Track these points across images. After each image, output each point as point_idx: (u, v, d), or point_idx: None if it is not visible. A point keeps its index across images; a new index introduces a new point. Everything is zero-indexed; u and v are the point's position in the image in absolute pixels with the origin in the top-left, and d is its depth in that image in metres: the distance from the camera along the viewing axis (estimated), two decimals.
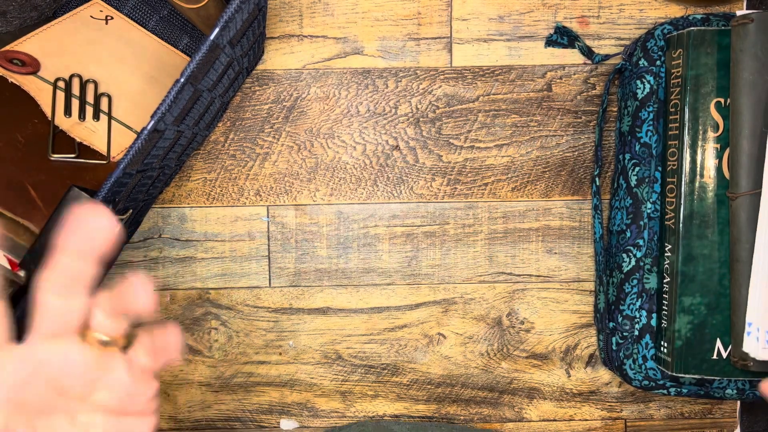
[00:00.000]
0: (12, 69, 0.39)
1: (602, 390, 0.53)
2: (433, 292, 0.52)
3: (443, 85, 0.51)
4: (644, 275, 0.47)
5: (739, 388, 0.46)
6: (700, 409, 0.53)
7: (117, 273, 0.51)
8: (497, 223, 0.52)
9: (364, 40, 0.51)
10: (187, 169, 0.51)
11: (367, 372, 0.52)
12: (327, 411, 0.52)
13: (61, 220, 0.31)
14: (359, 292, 0.52)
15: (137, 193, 0.40)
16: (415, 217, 0.52)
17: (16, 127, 0.39)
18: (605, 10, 0.51)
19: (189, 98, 0.35)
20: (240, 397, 0.52)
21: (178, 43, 0.49)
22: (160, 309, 0.52)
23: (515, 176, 0.52)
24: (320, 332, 0.52)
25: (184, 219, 0.51)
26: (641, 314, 0.47)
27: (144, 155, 0.34)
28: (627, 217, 0.48)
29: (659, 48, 0.46)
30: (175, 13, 0.49)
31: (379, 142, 0.51)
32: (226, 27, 0.33)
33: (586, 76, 0.51)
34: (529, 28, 0.51)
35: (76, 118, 0.39)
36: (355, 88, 0.51)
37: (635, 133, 0.47)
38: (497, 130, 0.51)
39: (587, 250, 0.52)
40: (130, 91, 0.43)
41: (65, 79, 0.40)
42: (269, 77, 0.51)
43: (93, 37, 0.45)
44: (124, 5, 0.48)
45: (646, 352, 0.46)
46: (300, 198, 0.52)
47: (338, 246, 0.52)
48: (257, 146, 0.51)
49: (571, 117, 0.51)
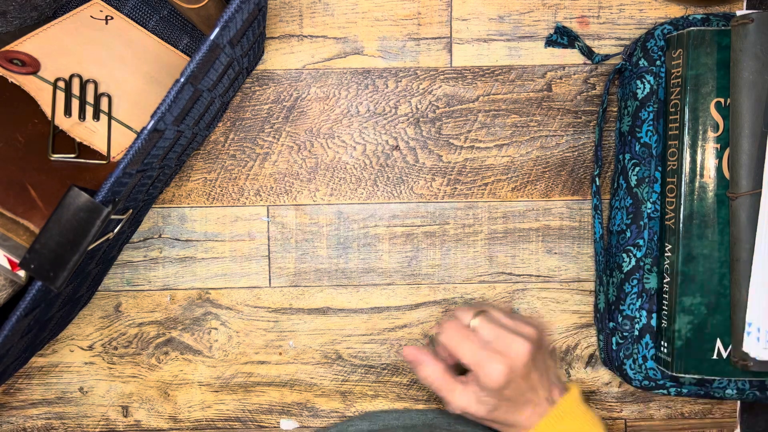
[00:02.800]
0: (12, 69, 0.39)
1: (602, 390, 0.53)
2: (433, 292, 0.52)
3: (443, 85, 0.51)
4: (644, 275, 0.47)
5: (739, 388, 0.46)
6: (700, 409, 0.53)
7: (117, 273, 0.51)
8: (497, 223, 0.52)
9: (364, 40, 0.51)
10: (187, 169, 0.51)
11: (367, 372, 0.52)
12: (327, 411, 0.52)
13: (61, 220, 0.31)
14: (359, 292, 0.52)
15: (137, 193, 0.40)
16: (415, 217, 0.52)
17: (16, 127, 0.39)
18: (605, 10, 0.51)
19: (189, 98, 0.35)
20: (240, 397, 0.52)
21: (178, 43, 0.49)
22: (160, 309, 0.52)
23: (515, 176, 0.52)
24: (320, 332, 0.52)
25: (184, 219, 0.51)
26: (641, 314, 0.47)
27: (144, 155, 0.34)
28: (627, 217, 0.48)
29: (659, 48, 0.46)
30: (175, 13, 0.49)
31: (379, 142, 0.51)
32: (226, 27, 0.33)
33: (586, 76, 0.51)
34: (529, 28, 0.51)
35: (76, 118, 0.39)
36: (355, 88, 0.51)
37: (635, 133, 0.47)
38: (497, 130, 0.51)
39: (587, 250, 0.52)
40: (130, 91, 0.43)
41: (65, 79, 0.40)
42: (269, 77, 0.51)
43: (93, 37, 0.45)
44: (124, 5, 0.48)
45: (646, 352, 0.46)
46: (300, 198, 0.52)
47: (338, 246, 0.52)
48: (257, 146, 0.51)
49: (571, 117, 0.51)
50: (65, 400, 0.52)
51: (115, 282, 0.52)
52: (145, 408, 0.52)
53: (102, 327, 0.52)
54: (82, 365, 0.52)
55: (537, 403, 0.42)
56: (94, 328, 0.52)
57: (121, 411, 0.52)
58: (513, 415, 0.42)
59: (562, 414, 0.42)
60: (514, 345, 0.41)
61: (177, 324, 0.52)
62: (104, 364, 0.52)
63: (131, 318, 0.52)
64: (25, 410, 0.52)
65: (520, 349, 0.41)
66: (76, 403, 0.52)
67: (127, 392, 0.52)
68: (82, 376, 0.52)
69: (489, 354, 0.41)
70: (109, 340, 0.52)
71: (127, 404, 0.52)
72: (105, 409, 0.52)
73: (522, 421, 0.42)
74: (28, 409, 0.52)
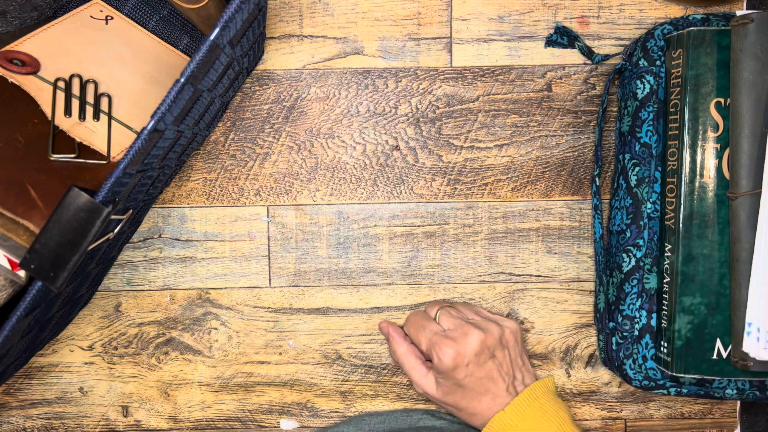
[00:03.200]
0: (12, 69, 0.39)
1: (602, 390, 0.53)
2: (433, 292, 0.52)
3: (443, 85, 0.51)
4: (644, 275, 0.47)
5: (739, 388, 0.46)
6: (700, 409, 0.53)
7: (117, 273, 0.51)
8: (497, 223, 0.52)
9: (364, 40, 0.51)
10: (187, 169, 0.51)
11: (367, 372, 0.52)
12: (327, 411, 0.52)
13: (61, 220, 0.31)
14: (359, 292, 0.52)
15: (137, 193, 0.40)
16: (415, 217, 0.52)
17: (16, 127, 0.39)
18: (605, 10, 0.51)
19: (189, 98, 0.35)
20: (240, 397, 0.52)
21: (178, 43, 0.49)
22: (160, 309, 0.52)
23: (515, 176, 0.52)
24: (320, 332, 0.52)
25: (184, 219, 0.51)
26: (641, 314, 0.47)
27: (144, 155, 0.34)
28: (627, 217, 0.48)
29: (659, 48, 0.46)
30: (175, 13, 0.49)
31: (379, 142, 0.51)
32: (226, 27, 0.33)
33: (586, 76, 0.51)
34: (529, 28, 0.51)
35: (76, 118, 0.39)
36: (355, 88, 0.51)
37: (635, 133, 0.47)
38: (497, 130, 0.51)
39: (587, 250, 0.52)
40: (130, 91, 0.43)
41: (65, 79, 0.40)
42: (269, 77, 0.51)
43: (93, 37, 0.45)
44: (124, 5, 0.48)
45: (646, 352, 0.46)
46: (300, 198, 0.52)
47: (338, 246, 0.52)
48: (257, 146, 0.51)
49: (571, 117, 0.51)
50: (65, 400, 0.52)
51: (115, 282, 0.52)
52: (145, 408, 0.52)
53: (102, 327, 0.52)
54: (82, 365, 0.52)
55: (496, 394, 0.46)
56: (94, 328, 0.52)
57: (121, 411, 0.52)
58: (471, 403, 0.46)
59: (523, 405, 0.45)
60: (468, 334, 0.45)
61: (177, 324, 0.52)
62: (104, 364, 0.52)
63: (131, 318, 0.52)
64: (25, 410, 0.52)
65: (472, 338, 0.45)
66: (76, 403, 0.52)
67: (127, 392, 0.52)
68: (82, 376, 0.52)
69: (442, 339, 0.45)
70: (109, 340, 0.52)
71: (127, 404, 0.52)
72: (105, 409, 0.52)
73: (482, 410, 0.46)
74: (28, 409, 0.52)
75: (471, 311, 0.49)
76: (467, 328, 0.45)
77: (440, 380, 0.46)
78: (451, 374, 0.45)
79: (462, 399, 0.46)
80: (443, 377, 0.45)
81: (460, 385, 0.45)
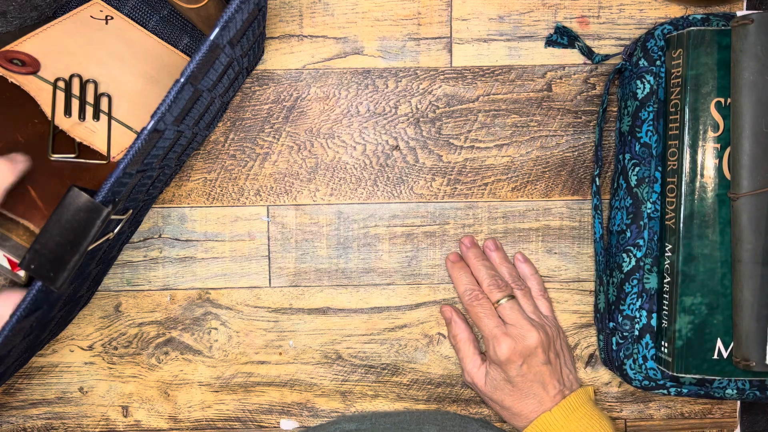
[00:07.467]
0: (12, 69, 0.39)
1: (602, 390, 0.53)
2: (433, 292, 0.52)
3: (443, 85, 0.51)
4: (644, 275, 0.47)
5: (739, 388, 0.46)
6: (700, 409, 0.53)
7: (117, 273, 0.51)
8: (497, 223, 0.52)
9: (364, 40, 0.51)
10: (187, 169, 0.51)
11: (367, 372, 0.52)
12: (327, 411, 0.52)
13: (61, 220, 0.31)
14: (359, 292, 0.52)
15: (137, 193, 0.40)
16: (415, 217, 0.52)
17: (16, 127, 0.39)
18: (605, 10, 0.51)
19: (189, 98, 0.35)
20: (240, 397, 0.52)
21: (178, 43, 0.49)
22: (160, 309, 0.52)
23: (515, 176, 0.52)
24: (320, 332, 0.52)
25: (184, 219, 0.51)
26: (641, 314, 0.47)
27: (144, 155, 0.34)
28: (627, 217, 0.48)
29: (659, 48, 0.46)
30: (175, 13, 0.49)
31: (379, 142, 0.51)
32: (226, 27, 0.33)
33: (586, 76, 0.51)
34: (529, 28, 0.51)
35: (76, 118, 0.39)
36: (355, 88, 0.51)
37: (635, 133, 0.47)
38: (497, 130, 0.51)
39: (587, 250, 0.52)
40: (130, 91, 0.43)
41: (65, 79, 0.40)
42: (269, 77, 0.51)
43: (93, 37, 0.45)
44: (124, 5, 0.48)
45: (646, 352, 0.46)
46: (300, 198, 0.52)
47: (338, 246, 0.52)
48: (257, 146, 0.51)
49: (571, 117, 0.51)
50: (65, 400, 0.52)
51: (115, 282, 0.52)
52: (145, 408, 0.52)
53: (102, 327, 0.52)
54: (82, 365, 0.52)
55: (543, 399, 0.46)
56: (94, 328, 0.52)
57: (121, 411, 0.52)
58: (516, 403, 0.46)
59: (570, 409, 0.46)
60: (526, 337, 0.46)
61: (177, 324, 0.52)
62: (104, 364, 0.52)
63: (131, 318, 0.52)
64: (25, 410, 0.52)
65: (531, 340, 0.46)
66: (76, 403, 0.52)
67: (127, 392, 0.52)
68: (82, 376, 0.52)
69: (502, 334, 0.46)
70: (109, 340, 0.52)
71: (127, 404, 0.52)
72: (105, 409, 0.52)
73: (527, 412, 0.46)
74: (28, 409, 0.52)
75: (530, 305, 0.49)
76: (527, 329, 0.46)
77: (492, 372, 0.47)
78: (504, 367, 0.46)
79: (508, 397, 0.46)
80: (496, 370, 0.46)
81: (510, 381, 0.46)
